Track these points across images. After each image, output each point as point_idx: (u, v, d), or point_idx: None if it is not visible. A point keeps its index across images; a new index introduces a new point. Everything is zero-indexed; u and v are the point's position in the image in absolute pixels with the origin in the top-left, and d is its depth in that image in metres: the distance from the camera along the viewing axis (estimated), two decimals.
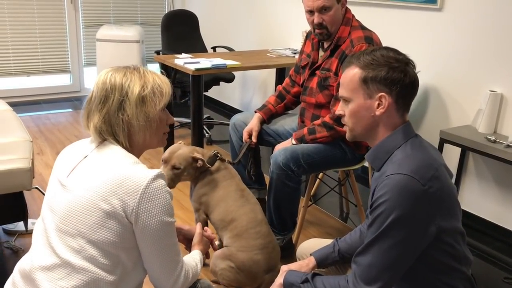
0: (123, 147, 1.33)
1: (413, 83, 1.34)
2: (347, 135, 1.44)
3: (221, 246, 2.39)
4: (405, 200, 1.22)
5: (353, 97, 1.36)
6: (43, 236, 1.29)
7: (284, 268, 1.57)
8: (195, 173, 2.13)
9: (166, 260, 1.31)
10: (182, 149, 2.07)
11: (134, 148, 1.37)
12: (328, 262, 1.62)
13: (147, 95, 1.33)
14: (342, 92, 1.40)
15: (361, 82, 1.34)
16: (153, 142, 1.39)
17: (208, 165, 2.13)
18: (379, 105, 1.33)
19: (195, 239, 1.65)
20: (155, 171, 1.27)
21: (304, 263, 1.61)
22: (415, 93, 1.36)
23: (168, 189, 1.30)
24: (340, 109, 1.42)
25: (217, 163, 2.17)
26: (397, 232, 1.23)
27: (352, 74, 1.36)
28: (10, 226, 2.58)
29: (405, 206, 1.22)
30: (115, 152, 1.31)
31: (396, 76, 1.31)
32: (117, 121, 1.32)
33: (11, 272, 1.35)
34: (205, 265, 2.35)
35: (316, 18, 2.27)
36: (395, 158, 1.31)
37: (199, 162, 2.09)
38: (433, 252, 1.29)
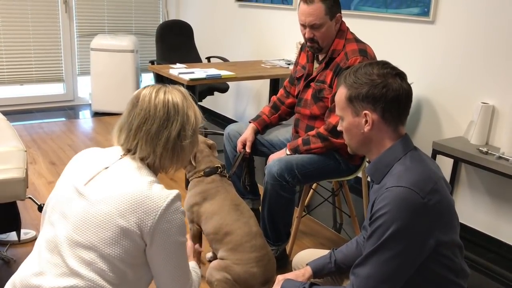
0: (148, 166, 1.33)
1: (398, 96, 1.33)
2: (348, 149, 1.48)
3: (214, 258, 2.38)
4: (404, 212, 1.23)
5: (344, 116, 1.41)
6: (52, 243, 1.27)
7: (279, 278, 1.57)
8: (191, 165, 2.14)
9: (178, 278, 1.33)
10: None
11: (157, 170, 1.38)
12: (324, 273, 1.62)
13: (197, 124, 1.37)
14: (336, 110, 1.45)
15: (347, 101, 1.38)
16: (177, 169, 1.42)
17: (194, 164, 2.15)
18: (366, 122, 1.36)
19: (188, 251, 1.68)
20: (174, 192, 1.28)
21: (300, 272, 1.62)
22: (403, 105, 1.35)
23: (183, 209, 1.31)
24: (339, 126, 1.46)
25: (214, 176, 2.17)
26: (396, 244, 1.24)
27: (340, 93, 1.41)
28: (2, 236, 2.56)
29: (404, 219, 1.23)
30: (137, 167, 1.31)
31: (378, 93, 1.33)
32: (174, 147, 1.33)
33: (2, 282, 1.33)
34: None
35: (308, 33, 2.29)
36: (394, 170, 1.32)
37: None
38: (431, 265, 1.30)
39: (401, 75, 1.36)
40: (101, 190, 1.26)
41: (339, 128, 1.47)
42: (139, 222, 1.23)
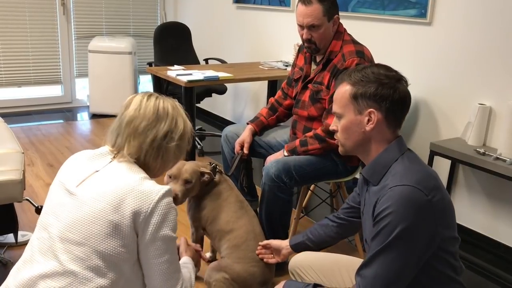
0: (139, 165, 1.36)
1: (403, 99, 1.36)
2: (340, 150, 1.47)
3: (213, 259, 2.38)
4: (410, 210, 1.23)
5: (344, 113, 1.40)
6: (45, 244, 1.28)
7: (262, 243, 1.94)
8: (200, 188, 2.13)
9: (167, 275, 1.33)
10: (187, 164, 2.07)
11: (148, 171, 1.40)
12: (299, 239, 1.86)
13: (186, 132, 1.43)
14: (334, 108, 1.43)
15: (351, 98, 1.37)
16: (161, 172, 1.46)
17: (214, 177, 2.15)
18: (368, 120, 1.36)
19: (181, 247, 1.70)
20: (165, 187, 1.31)
21: (284, 243, 1.92)
22: (406, 109, 1.38)
23: (175, 206, 1.33)
24: (333, 124, 1.45)
25: (217, 176, 2.18)
26: (403, 243, 1.24)
27: (343, 90, 1.39)
28: None
29: (410, 217, 1.23)
30: (127, 167, 1.33)
31: (385, 92, 1.34)
32: (160, 147, 1.37)
33: (0, 284, 1.33)
34: (197, 278, 2.34)
35: (305, 34, 2.30)
36: (394, 170, 1.33)
37: (206, 176, 2.10)
38: (434, 262, 1.31)
39: (404, 80, 1.39)
40: (92, 189, 1.29)
41: (332, 127, 1.45)
42: (132, 215, 1.25)
